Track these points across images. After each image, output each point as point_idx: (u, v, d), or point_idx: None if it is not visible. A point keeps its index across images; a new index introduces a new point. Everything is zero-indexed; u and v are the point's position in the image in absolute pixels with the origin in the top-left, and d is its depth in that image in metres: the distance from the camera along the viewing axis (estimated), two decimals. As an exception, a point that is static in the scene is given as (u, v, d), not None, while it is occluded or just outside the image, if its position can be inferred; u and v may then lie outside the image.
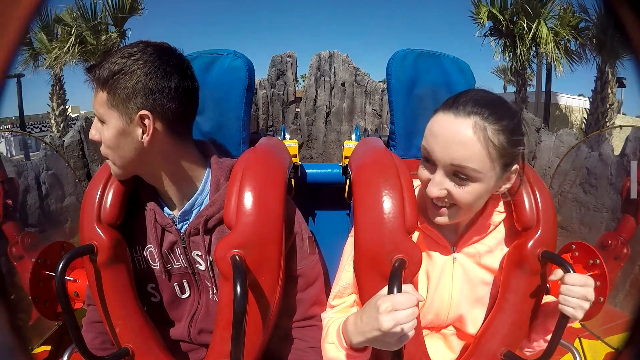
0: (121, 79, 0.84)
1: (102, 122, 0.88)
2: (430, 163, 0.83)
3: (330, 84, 4.80)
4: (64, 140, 3.94)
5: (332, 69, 4.81)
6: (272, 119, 4.65)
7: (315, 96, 4.79)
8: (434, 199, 0.84)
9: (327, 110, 4.79)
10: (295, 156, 1.34)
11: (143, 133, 0.87)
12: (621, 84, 9.09)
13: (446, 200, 0.83)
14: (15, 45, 0.45)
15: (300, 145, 4.66)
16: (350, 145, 1.39)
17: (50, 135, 4.10)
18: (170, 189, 0.94)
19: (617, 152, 3.14)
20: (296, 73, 4.85)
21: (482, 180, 0.80)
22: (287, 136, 1.58)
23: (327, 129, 4.81)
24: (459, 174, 0.79)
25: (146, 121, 0.86)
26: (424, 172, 0.85)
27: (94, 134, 0.89)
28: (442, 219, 0.86)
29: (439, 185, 0.81)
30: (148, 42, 0.89)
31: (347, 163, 1.23)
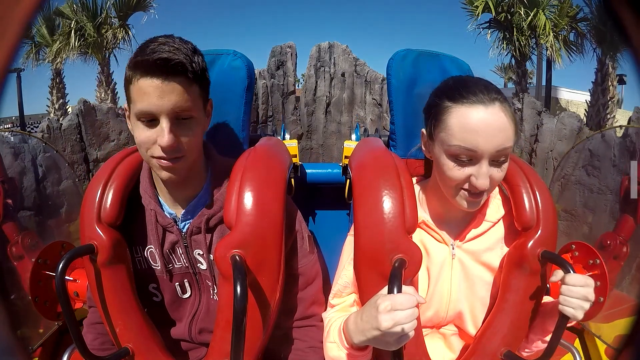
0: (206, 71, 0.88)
1: (189, 117, 0.86)
2: (468, 159, 0.82)
3: (330, 75, 4.80)
4: (62, 124, 3.91)
5: (332, 60, 4.81)
6: (272, 109, 4.65)
7: (315, 87, 4.80)
8: (475, 190, 0.83)
9: (327, 101, 4.80)
10: (295, 156, 1.34)
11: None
12: (621, 81, 9.07)
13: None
14: (16, 45, 0.45)
15: (300, 136, 4.66)
16: (350, 145, 1.39)
17: (48, 118, 4.06)
18: (174, 189, 0.94)
19: (620, 133, 3.13)
20: (296, 64, 4.85)
21: (510, 154, 0.84)
22: (287, 136, 1.59)
23: (327, 119, 4.82)
24: (499, 158, 0.82)
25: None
26: (461, 172, 0.83)
27: (172, 138, 0.82)
28: (476, 205, 0.87)
29: (486, 175, 0.82)
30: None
31: (347, 163, 1.23)
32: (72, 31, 8.37)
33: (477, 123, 0.80)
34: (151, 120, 0.83)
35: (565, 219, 2.70)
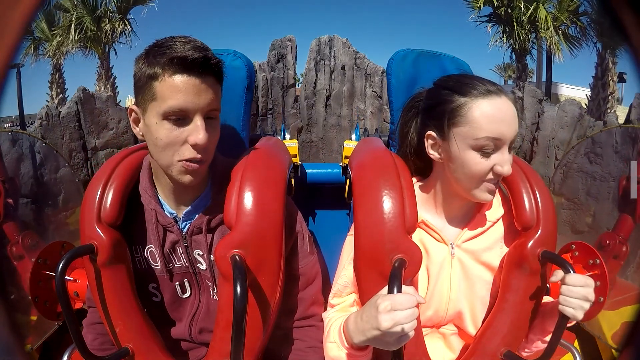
0: None
1: (214, 117, 0.87)
2: (492, 149, 0.84)
3: (330, 68, 4.81)
4: (60, 111, 3.88)
5: (332, 53, 4.82)
6: (272, 102, 4.64)
7: (315, 80, 4.80)
8: (497, 178, 0.86)
9: (327, 94, 4.80)
10: (295, 156, 1.34)
11: None
12: (622, 79, 9.05)
13: None
14: (16, 43, 0.45)
15: (300, 129, 4.65)
16: (350, 145, 1.39)
17: (47, 106, 4.03)
18: (180, 190, 0.93)
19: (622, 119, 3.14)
20: (296, 57, 4.84)
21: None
22: (287, 136, 1.59)
23: (327, 112, 4.81)
24: (513, 143, 0.86)
25: None
26: (487, 162, 0.84)
27: (207, 136, 0.83)
28: (494, 193, 0.89)
29: (509, 161, 0.85)
30: None
31: (347, 163, 1.24)
32: (72, 24, 8.37)
33: (499, 112, 0.83)
34: (180, 119, 0.82)
35: (567, 207, 2.68)
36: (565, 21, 8.31)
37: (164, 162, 0.86)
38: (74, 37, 8.43)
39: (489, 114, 0.82)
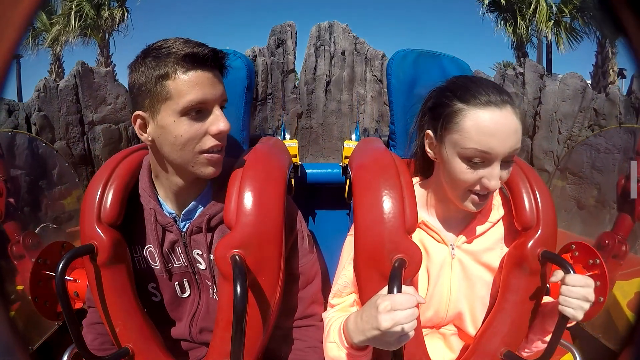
0: None
1: (224, 107, 0.90)
2: (481, 162, 0.82)
3: (330, 54, 4.81)
4: (58, 84, 3.85)
5: (332, 39, 4.82)
6: (272, 87, 4.63)
7: (315, 65, 4.80)
8: (484, 191, 0.84)
9: (327, 80, 4.79)
10: (295, 156, 1.35)
11: None
12: (622, 76, 9.07)
13: None
14: (16, 43, 0.45)
15: (300, 115, 4.64)
16: (350, 145, 1.40)
17: (46, 78, 3.97)
18: (180, 189, 0.93)
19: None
20: (296, 42, 4.85)
21: None
22: (287, 136, 1.59)
23: (327, 98, 4.81)
24: (510, 159, 0.83)
25: None
26: (474, 174, 0.83)
27: (227, 123, 0.87)
28: (482, 206, 0.88)
29: (498, 176, 0.82)
30: None
31: (347, 163, 1.24)
32: (72, 12, 8.37)
33: (493, 126, 0.80)
34: (199, 112, 0.84)
35: (573, 182, 2.66)
36: (566, 12, 8.38)
37: (185, 158, 0.86)
38: (74, 25, 8.44)
39: (482, 126, 0.80)
